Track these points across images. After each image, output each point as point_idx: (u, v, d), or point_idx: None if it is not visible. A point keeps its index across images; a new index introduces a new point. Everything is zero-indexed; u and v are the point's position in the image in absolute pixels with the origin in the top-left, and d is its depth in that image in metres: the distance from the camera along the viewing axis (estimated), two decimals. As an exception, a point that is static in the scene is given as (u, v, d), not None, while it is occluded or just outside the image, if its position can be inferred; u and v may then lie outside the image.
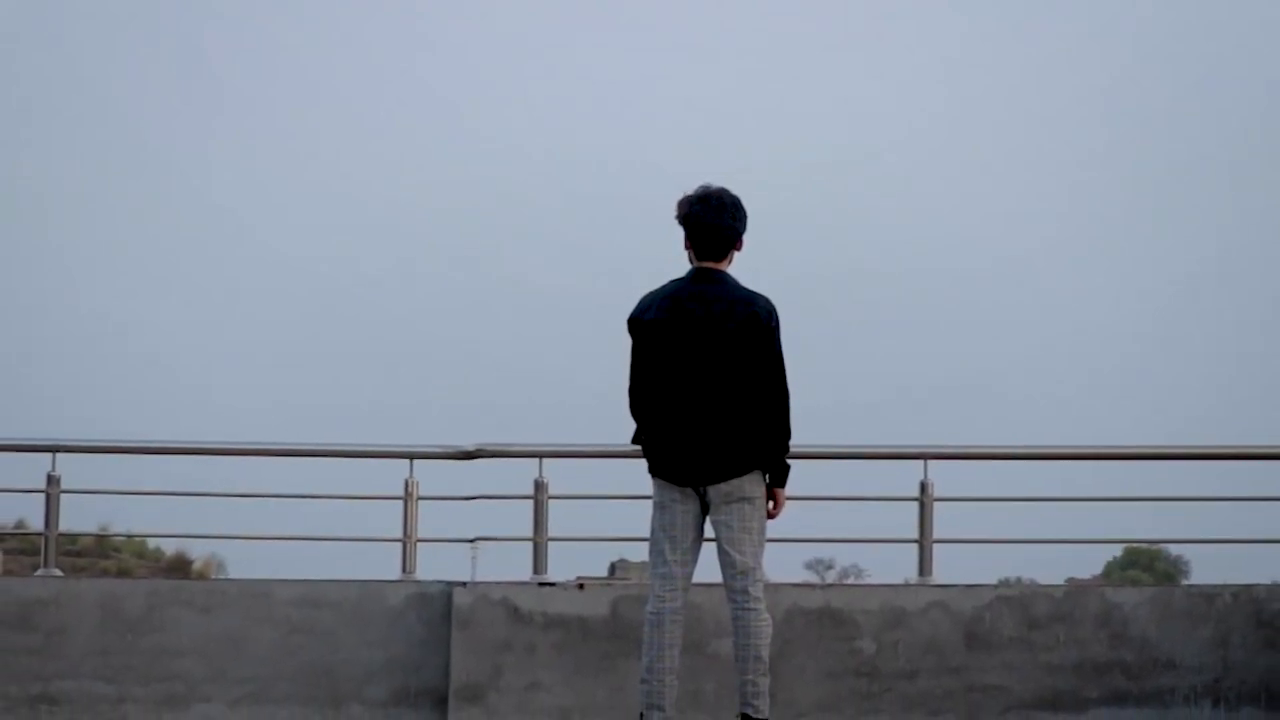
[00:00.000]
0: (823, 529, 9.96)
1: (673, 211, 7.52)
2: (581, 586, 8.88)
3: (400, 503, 9.31)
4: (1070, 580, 11.24)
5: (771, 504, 7.52)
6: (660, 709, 7.35)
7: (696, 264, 7.53)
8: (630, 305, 7.48)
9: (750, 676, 7.37)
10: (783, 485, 7.54)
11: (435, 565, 9.33)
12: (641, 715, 7.46)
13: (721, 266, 7.47)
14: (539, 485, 9.13)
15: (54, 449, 9.39)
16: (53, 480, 9.37)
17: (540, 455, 9.18)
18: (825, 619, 8.83)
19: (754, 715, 7.35)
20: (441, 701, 8.83)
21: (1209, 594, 8.87)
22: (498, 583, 9.01)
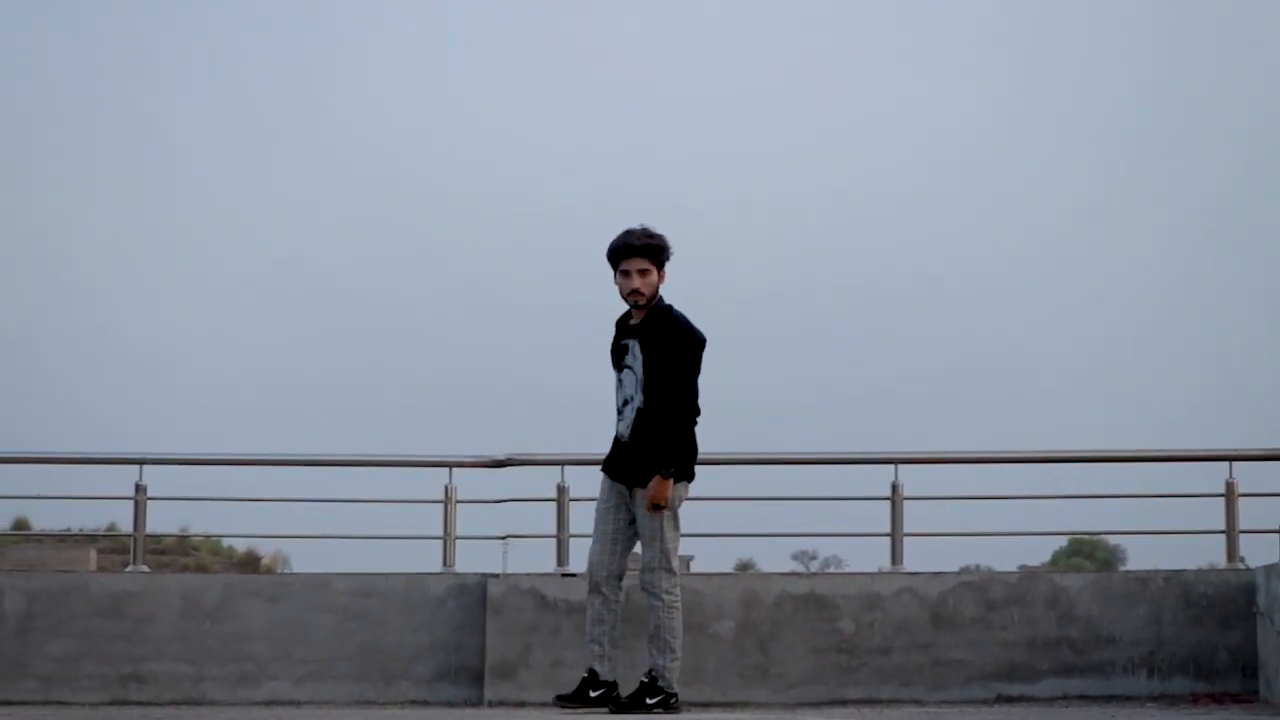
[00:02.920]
0: (807, 524, 9.99)
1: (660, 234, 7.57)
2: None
3: (441, 505, 9.31)
4: (1023, 567, 11.24)
5: None
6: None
7: None
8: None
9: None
10: None
11: (472, 559, 9.35)
12: (672, 694, 7.51)
13: None
14: (561, 489, 9.13)
15: (141, 461, 9.41)
16: (140, 489, 9.39)
17: (562, 463, 9.18)
18: (810, 603, 8.82)
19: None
20: (478, 678, 8.82)
21: (1143, 578, 8.86)
22: (526, 574, 9.01)
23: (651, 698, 7.53)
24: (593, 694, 7.57)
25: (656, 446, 7.48)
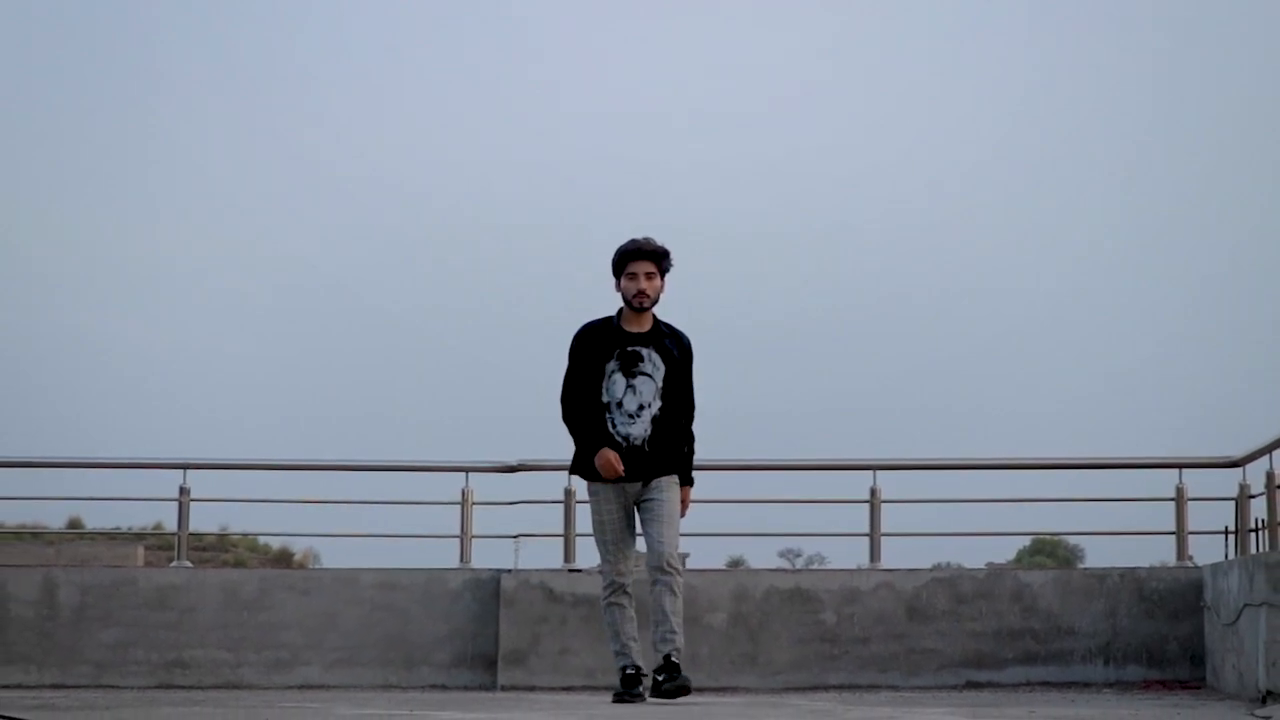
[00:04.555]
0: (793, 525, 10.00)
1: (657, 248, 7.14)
2: (601, 573, 8.86)
3: (458, 507, 9.32)
4: (990, 564, 11.21)
5: None
6: None
7: None
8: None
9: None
10: None
11: (486, 556, 9.34)
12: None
13: None
14: (568, 492, 9.13)
15: (184, 466, 9.42)
16: (184, 491, 9.40)
17: (569, 469, 9.15)
18: (796, 597, 8.82)
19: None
20: (492, 664, 8.82)
21: (1100, 575, 8.86)
22: (536, 570, 9.01)
23: (681, 674, 6.95)
24: (639, 688, 6.98)
25: (685, 456, 7.28)
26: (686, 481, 7.30)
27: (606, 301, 7.27)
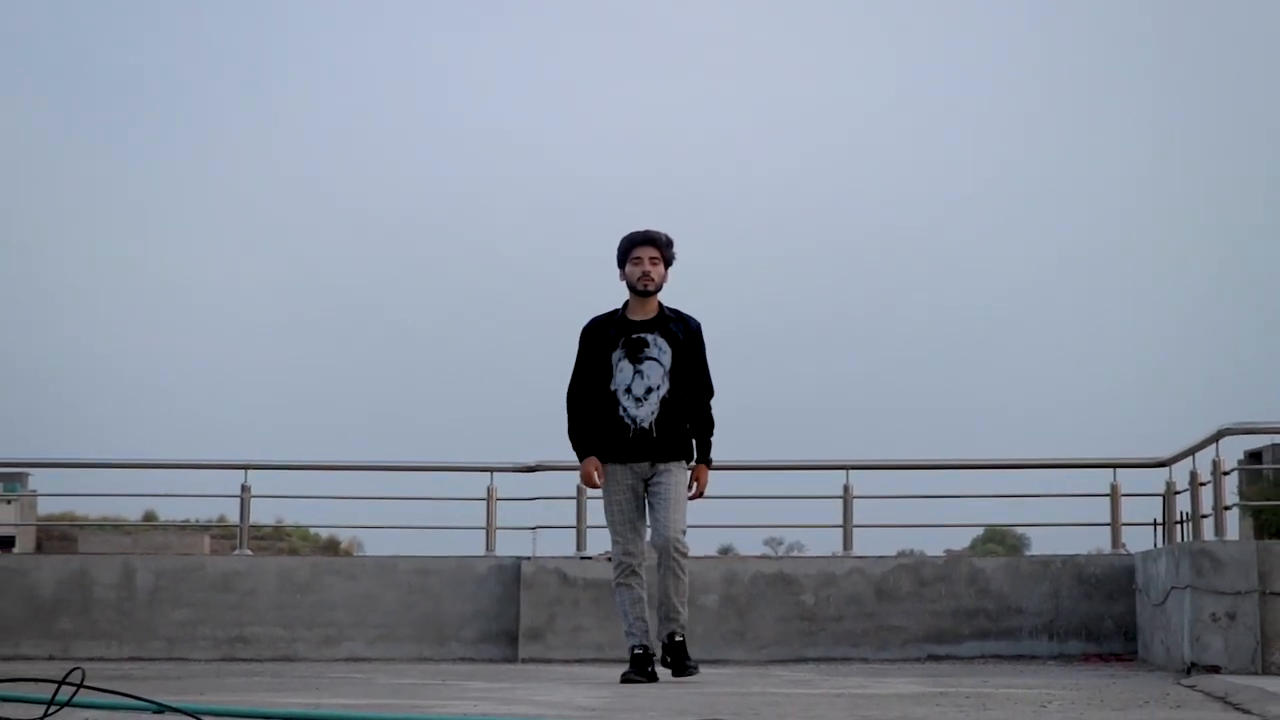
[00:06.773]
0: (777, 517, 10.00)
1: (665, 247, 6.58)
2: (610, 559, 8.86)
3: (484, 502, 9.33)
4: (948, 551, 11.24)
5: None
6: None
7: None
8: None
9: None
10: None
11: (508, 545, 9.35)
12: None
13: None
14: (580, 490, 9.13)
15: (245, 467, 9.44)
16: (245, 488, 9.42)
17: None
18: (779, 580, 8.83)
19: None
20: (513, 640, 8.82)
21: (1045, 561, 8.86)
22: (552, 557, 9.02)
23: (689, 659, 6.63)
24: (650, 668, 6.48)
25: (699, 437, 6.62)
26: (704, 461, 6.62)
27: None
